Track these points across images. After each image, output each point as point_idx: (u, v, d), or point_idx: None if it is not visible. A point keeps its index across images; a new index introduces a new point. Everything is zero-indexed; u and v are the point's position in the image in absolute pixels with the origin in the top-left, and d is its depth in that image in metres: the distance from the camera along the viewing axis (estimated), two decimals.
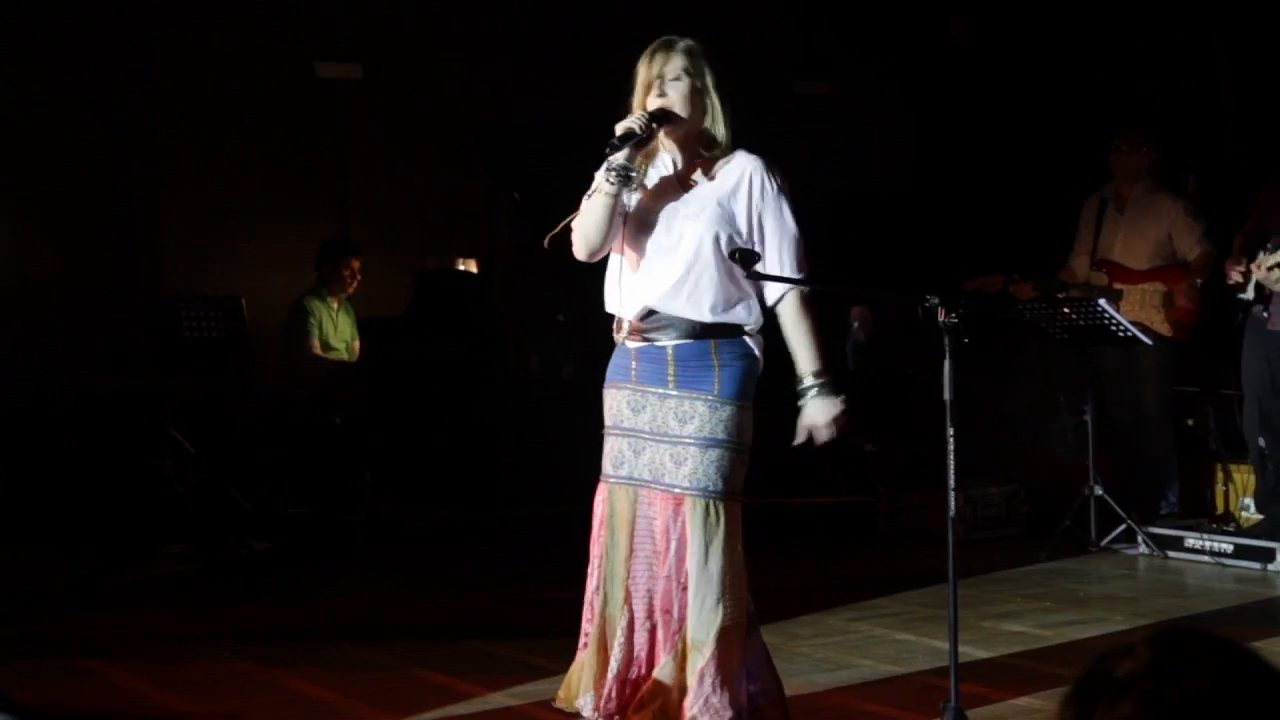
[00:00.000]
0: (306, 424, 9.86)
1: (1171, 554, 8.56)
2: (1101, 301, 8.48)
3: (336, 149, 11.61)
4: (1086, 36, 11.43)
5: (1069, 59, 11.45)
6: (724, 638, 4.76)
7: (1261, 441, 8.51)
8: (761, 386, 4.95)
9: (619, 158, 4.82)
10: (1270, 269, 8.05)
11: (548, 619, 7.25)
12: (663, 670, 4.83)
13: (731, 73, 5.01)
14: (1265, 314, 8.31)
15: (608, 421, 5.04)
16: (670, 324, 4.87)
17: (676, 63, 4.91)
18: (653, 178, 4.98)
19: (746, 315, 4.88)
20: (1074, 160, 9.70)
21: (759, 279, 4.82)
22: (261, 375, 10.02)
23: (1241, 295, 8.30)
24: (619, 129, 4.83)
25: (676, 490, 4.81)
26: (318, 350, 10.37)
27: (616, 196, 4.86)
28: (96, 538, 8.98)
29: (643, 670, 4.90)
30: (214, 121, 11.17)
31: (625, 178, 4.84)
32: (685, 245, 4.85)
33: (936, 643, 6.36)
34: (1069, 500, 8.88)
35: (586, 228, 4.91)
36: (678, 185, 4.95)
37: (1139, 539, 8.67)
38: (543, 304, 11.37)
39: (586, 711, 4.94)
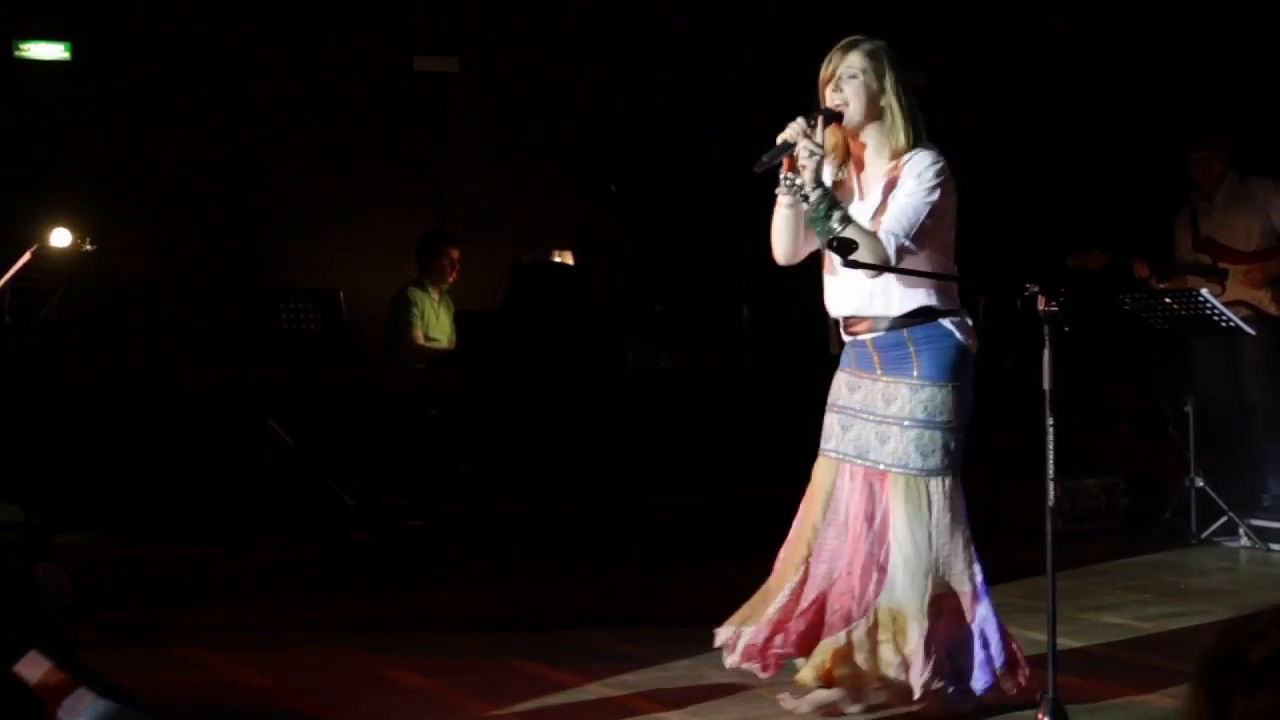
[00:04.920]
0: (403, 415, 9.90)
1: (1274, 547, 8.47)
2: (1204, 291, 8.37)
3: (434, 142, 11.65)
4: (1194, 22, 11.26)
5: (1175, 47, 11.30)
6: (934, 607, 5.02)
7: None
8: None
9: (787, 175, 5.06)
10: None
11: (647, 609, 7.28)
12: (856, 632, 5.06)
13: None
14: None
15: (829, 400, 5.34)
16: (866, 320, 5.18)
17: (853, 61, 5.11)
18: (849, 196, 5.19)
19: (938, 299, 5.14)
20: (1179, 153, 9.55)
21: (855, 268, 4.88)
22: (359, 367, 10.06)
23: None
24: (779, 138, 5.03)
25: (881, 466, 5.12)
26: (421, 340, 10.43)
27: (793, 207, 5.13)
28: (196, 528, 9.07)
29: (807, 627, 5.17)
30: (312, 114, 11.24)
31: (797, 188, 5.06)
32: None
33: (1033, 634, 6.30)
34: (1169, 492, 8.78)
35: (774, 238, 5.24)
36: (859, 196, 5.17)
37: (1241, 531, 8.57)
38: (639, 295, 11.38)
39: (721, 638, 5.30)
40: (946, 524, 5.07)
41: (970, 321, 5.21)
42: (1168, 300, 8.54)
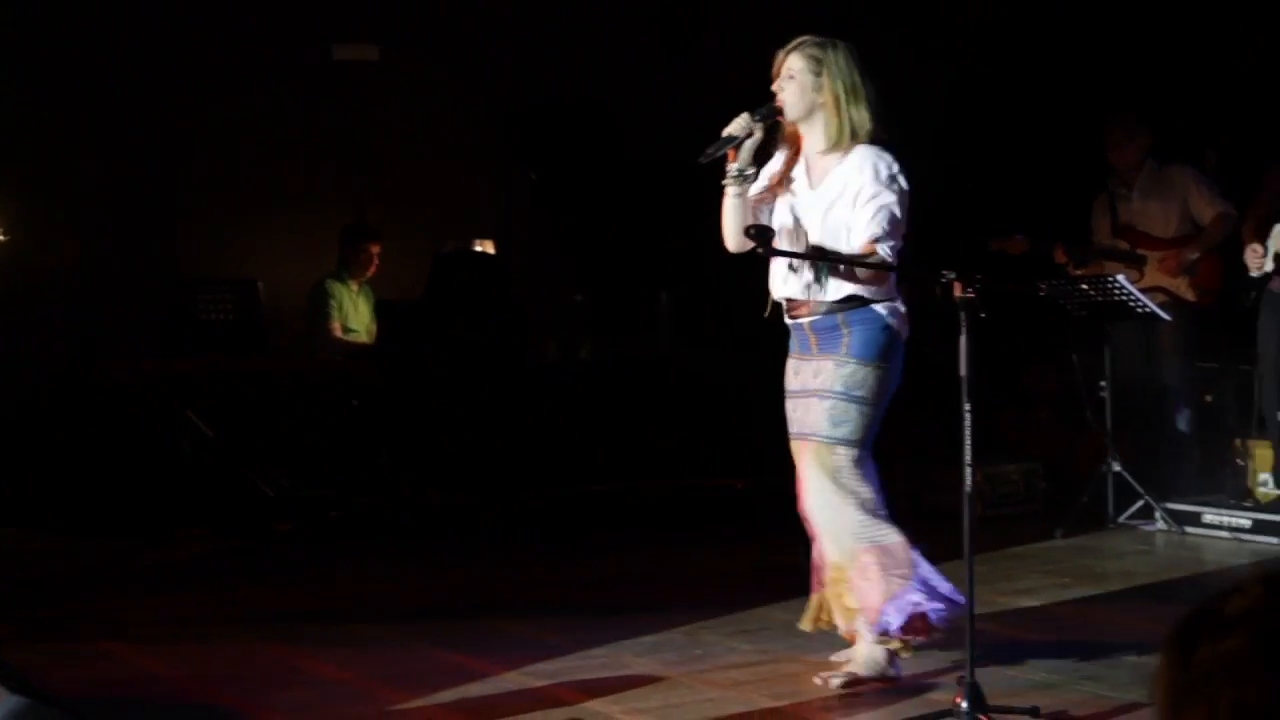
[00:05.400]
0: (323, 406, 9.85)
1: (1189, 529, 8.54)
2: (1120, 277, 8.43)
3: (354, 131, 11.58)
4: (1113, 6, 11.31)
5: (1095, 31, 11.34)
6: (863, 557, 5.35)
7: None
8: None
9: (732, 166, 5.39)
10: None
11: (567, 599, 7.27)
12: (829, 591, 5.51)
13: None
14: None
15: (785, 387, 5.63)
16: (806, 303, 5.46)
17: (791, 63, 5.43)
18: (793, 182, 5.50)
19: (871, 288, 5.39)
20: (1099, 138, 9.59)
21: (773, 254, 5.13)
22: (278, 358, 10.00)
23: (1255, 274, 8.25)
24: (724, 132, 5.35)
25: (806, 438, 5.44)
26: (338, 332, 10.37)
27: (740, 196, 5.45)
28: (114, 522, 8.99)
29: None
30: (231, 103, 11.16)
31: (742, 178, 5.43)
32: (810, 245, 5.39)
33: None
34: (1087, 476, 8.85)
35: (724, 227, 5.50)
36: (808, 188, 5.46)
37: (1157, 515, 8.64)
38: (560, 285, 11.37)
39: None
40: (861, 489, 5.37)
41: (904, 309, 5.46)
42: (1084, 286, 8.59)
